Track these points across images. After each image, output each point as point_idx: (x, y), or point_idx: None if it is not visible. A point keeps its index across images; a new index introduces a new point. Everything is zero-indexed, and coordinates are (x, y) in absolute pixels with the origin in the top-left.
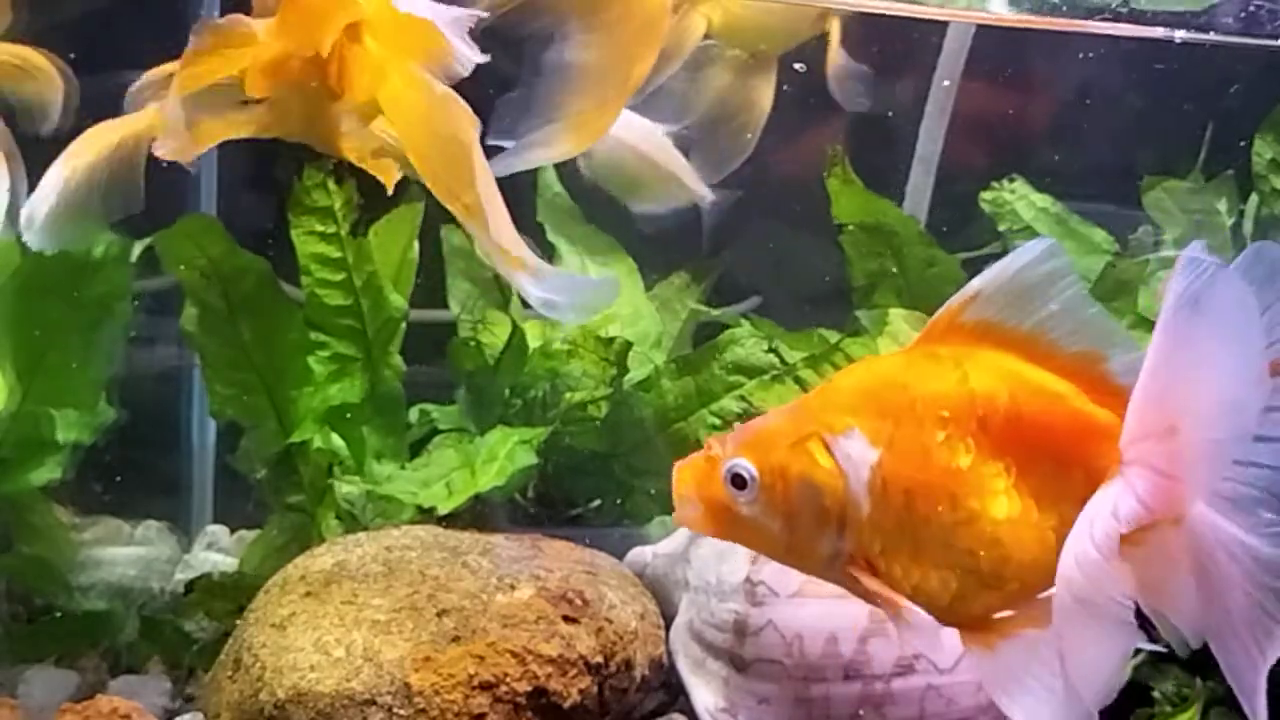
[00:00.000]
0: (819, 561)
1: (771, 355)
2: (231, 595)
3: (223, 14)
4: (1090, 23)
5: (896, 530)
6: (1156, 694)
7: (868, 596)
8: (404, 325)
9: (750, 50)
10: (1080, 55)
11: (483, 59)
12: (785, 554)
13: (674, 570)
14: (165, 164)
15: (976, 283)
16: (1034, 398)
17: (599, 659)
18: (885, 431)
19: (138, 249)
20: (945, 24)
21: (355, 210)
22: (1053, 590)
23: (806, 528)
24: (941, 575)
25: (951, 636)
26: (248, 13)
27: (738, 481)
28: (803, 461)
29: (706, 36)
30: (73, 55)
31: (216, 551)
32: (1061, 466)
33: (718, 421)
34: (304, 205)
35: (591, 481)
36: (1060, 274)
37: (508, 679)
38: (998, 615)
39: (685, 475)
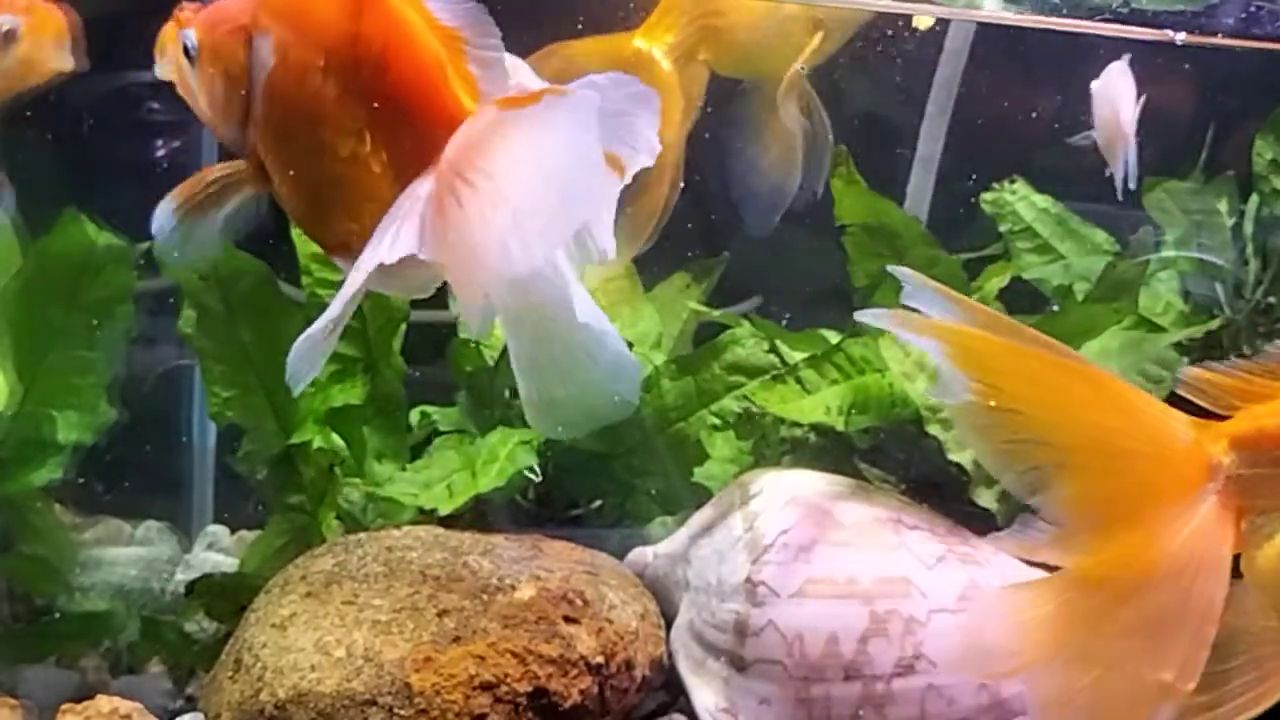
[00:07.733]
0: (230, 141)
1: (772, 356)
2: (232, 595)
3: None
4: (1090, 23)
5: (274, 138)
6: None
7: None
8: (404, 326)
9: (758, 76)
10: (1081, 54)
11: None
12: (210, 123)
13: (674, 570)
14: (165, 166)
15: None
16: (408, 61)
17: (600, 659)
18: (285, 44)
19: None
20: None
21: None
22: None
23: (222, 108)
24: (295, 188)
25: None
26: None
27: (186, 50)
28: (228, 48)
29: (713, 76)
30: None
31: (217, 552)
32: (416, 135)
33: (718, 422)
34: None
35: (592, 482)
36: None
37: (508, 679)
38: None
39: (166, 29)
